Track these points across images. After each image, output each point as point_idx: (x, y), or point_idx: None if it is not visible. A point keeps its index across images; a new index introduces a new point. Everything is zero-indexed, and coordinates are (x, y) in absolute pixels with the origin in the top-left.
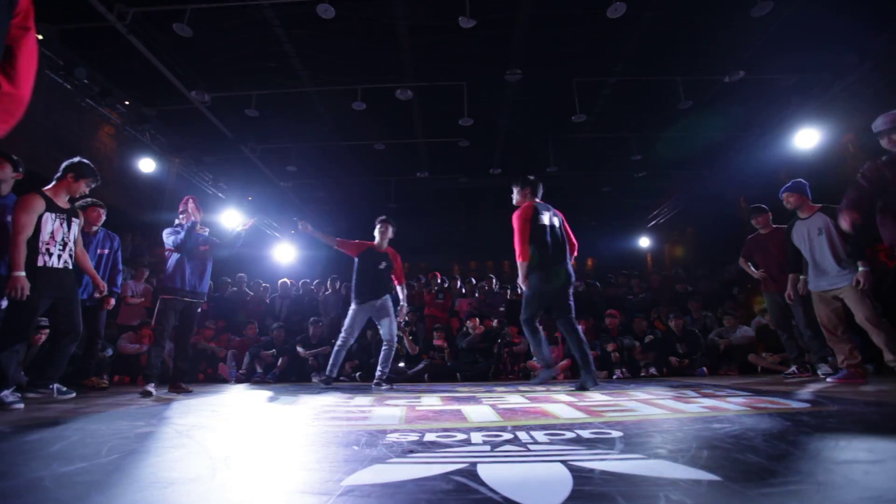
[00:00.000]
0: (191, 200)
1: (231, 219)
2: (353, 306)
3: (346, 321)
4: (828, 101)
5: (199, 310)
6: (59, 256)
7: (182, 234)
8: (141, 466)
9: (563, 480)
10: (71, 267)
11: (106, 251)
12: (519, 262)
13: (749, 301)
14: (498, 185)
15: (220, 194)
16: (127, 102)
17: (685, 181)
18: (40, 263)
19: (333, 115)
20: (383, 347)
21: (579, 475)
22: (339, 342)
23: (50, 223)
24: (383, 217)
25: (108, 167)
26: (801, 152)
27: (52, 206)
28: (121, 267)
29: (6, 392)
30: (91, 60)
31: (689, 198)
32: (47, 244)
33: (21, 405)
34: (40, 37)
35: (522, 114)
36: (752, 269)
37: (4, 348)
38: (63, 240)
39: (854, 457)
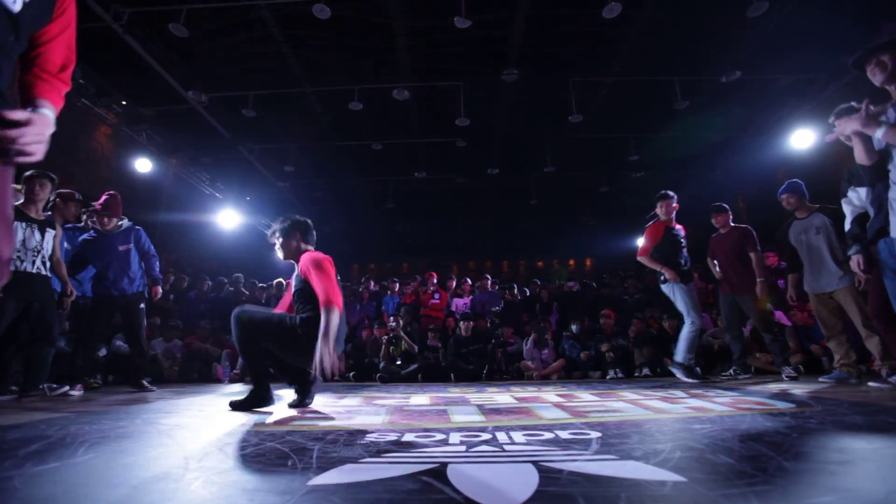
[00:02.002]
0: (103, 202)
1: (228, 219)
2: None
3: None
4: (824, 101)
5: (142, 306)
6: (33, 262)
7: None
8: (114, 466)
9: (529, 481)
10: (45, 273)
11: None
12: None
13: None
14: (496, 185)
15: (217, 194)
16: (124, 102)
17: (683, 181)
18: (11, 268)
19: (331, 115)
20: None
21: (547, 476)
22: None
23: (20, 232)
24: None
25: (105, 167)
26: (798, 152)
27: (21, 217)
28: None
29: None
30: (87, 60)
31: (687, 198)
32: (18, 251)
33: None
34: None
35: (519, 114)
36: (717, 269)
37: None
38: (36, 248)
39: (824, 457)
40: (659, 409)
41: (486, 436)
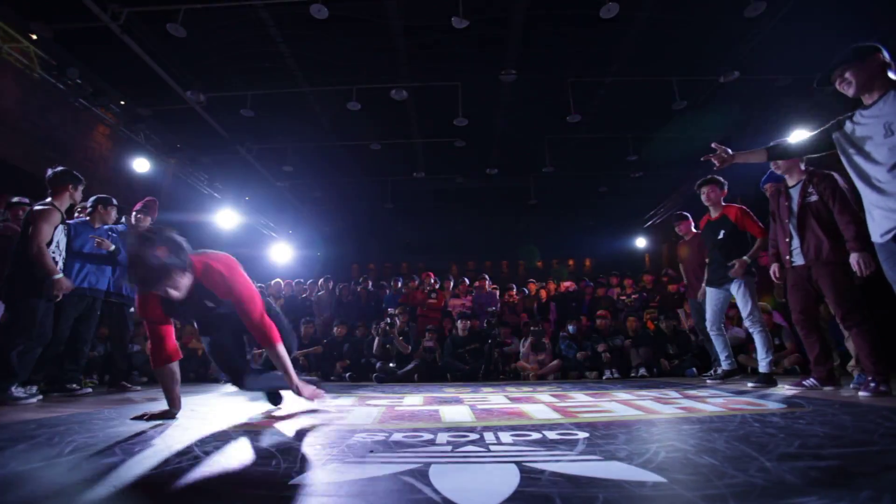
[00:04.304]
0: (145, 203)
1: (226, 219)
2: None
3: None
4: (821, 101)
5: (132, 310)
6: (57, 264)
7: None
8: (98, 465)
9: (509, 481)
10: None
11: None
12: None
13: None
14: (495, 185)
15: (216, 194)
16: (122, 102)
17: (681, 181)
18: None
19: (329, 115)
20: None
21: (528, 476)
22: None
23: (59, 234)
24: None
25: (103, 167)
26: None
27: (62, 219)
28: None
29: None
30: (85, 60)
31: (686, 198)
32: (53, 254)
33: (34, 399)
34: (34, 36)
35: (518, 114)
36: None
37: (13, 348)
38: (62, 249)
39: (808, 458)
40: (650, 409)
41: (473, 436)
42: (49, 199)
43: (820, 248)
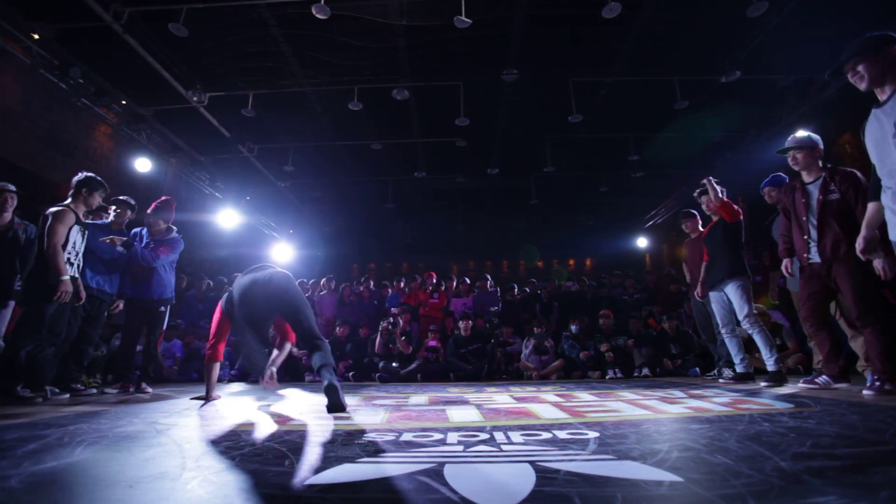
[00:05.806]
0: (156, 205)
1: (227, 218)
2: None
3: None
4: (824, 101)
5: (162, 309)
6: (73, 265)
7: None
8: (111, 465)
9: (525, 481)
10: (77, 276)
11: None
12: None
13: None
14: (496, 185)
15: (217, 194)
16: (123, 102)
17: (682, 181)
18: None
19: (330, 114)
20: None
21: (544, 476)
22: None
23: (74, 235)
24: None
25: (104, 167)
26: None
27: (77, 220)
28: None
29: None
30: (87, 60)
31: (687, 198)
32: (69, 255)
33: (39, 399)
34: (36, 36)
35: (519, 114)
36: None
37: (21, 348)
38: (77, 250)
39: (821, 458)
40: (657, 409)
41: (483, 436)
42: (67, 202)
43: (838, 247)
